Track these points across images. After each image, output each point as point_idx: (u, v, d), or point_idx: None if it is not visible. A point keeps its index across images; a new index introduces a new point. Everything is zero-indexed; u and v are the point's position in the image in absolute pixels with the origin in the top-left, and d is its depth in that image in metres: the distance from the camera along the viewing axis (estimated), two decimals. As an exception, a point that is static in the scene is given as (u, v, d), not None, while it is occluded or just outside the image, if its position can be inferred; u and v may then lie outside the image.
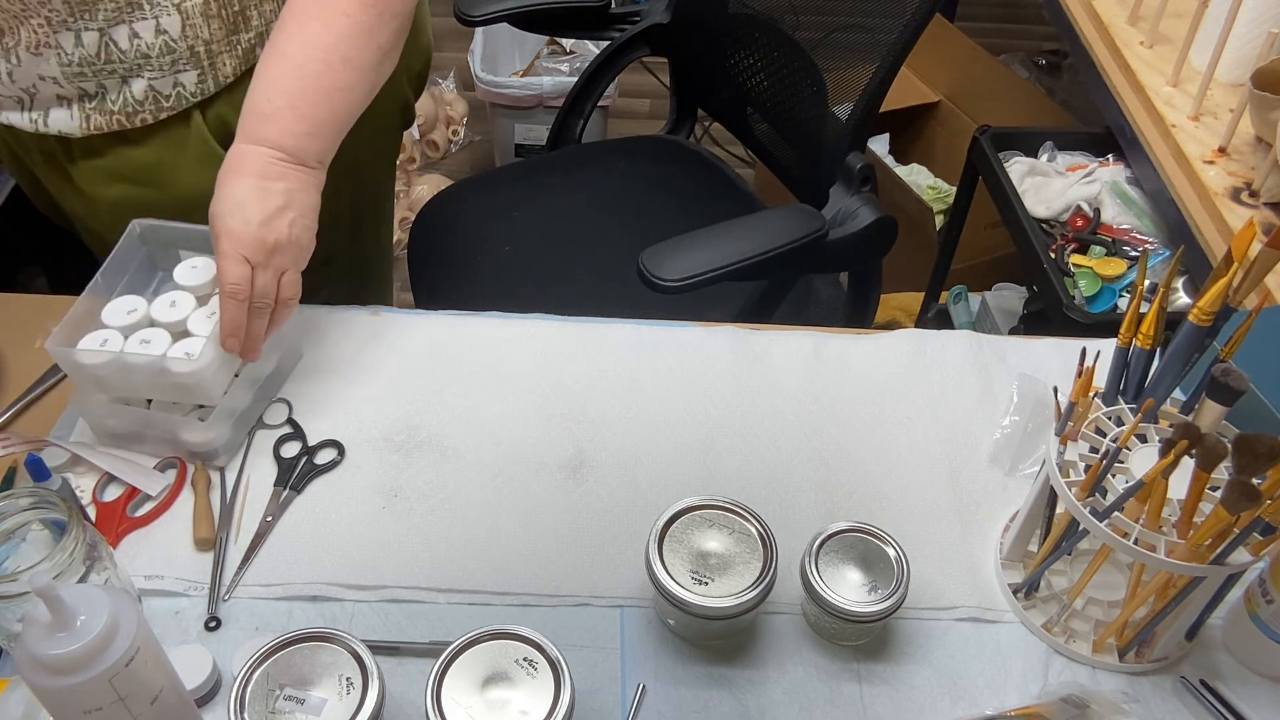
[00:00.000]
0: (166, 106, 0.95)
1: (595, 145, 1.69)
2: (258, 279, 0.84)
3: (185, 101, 0.96)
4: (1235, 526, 0.68)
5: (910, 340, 1.05)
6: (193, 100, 0.96)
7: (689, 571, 0.76)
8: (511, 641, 0.70)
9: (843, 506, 0.90)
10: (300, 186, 0.87)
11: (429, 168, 2.55)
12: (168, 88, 0.94)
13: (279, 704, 0.67)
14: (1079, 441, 0.78)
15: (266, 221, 0.84)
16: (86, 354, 0.85)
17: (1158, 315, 0.76)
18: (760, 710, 0.77)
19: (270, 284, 0.85)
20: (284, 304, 0.87)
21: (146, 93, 0.94)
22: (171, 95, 0.95)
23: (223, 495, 0.88)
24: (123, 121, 0.95)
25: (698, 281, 1.11)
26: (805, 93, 1.34)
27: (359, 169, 1.03)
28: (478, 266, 1.43)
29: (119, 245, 0.93)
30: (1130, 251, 1.48)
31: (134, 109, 0.94)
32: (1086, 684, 0.79)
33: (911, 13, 1.17)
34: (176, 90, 0.95)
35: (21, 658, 0.57)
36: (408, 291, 1.48)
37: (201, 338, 0.87)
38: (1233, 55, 1.37)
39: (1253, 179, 1.25)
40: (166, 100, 0.95)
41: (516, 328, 1.04)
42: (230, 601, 0.81)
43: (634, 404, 0.98)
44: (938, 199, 2.17)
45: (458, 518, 0.88)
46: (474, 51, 2.41)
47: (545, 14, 1.53)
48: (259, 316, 0.86)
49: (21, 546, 0.72)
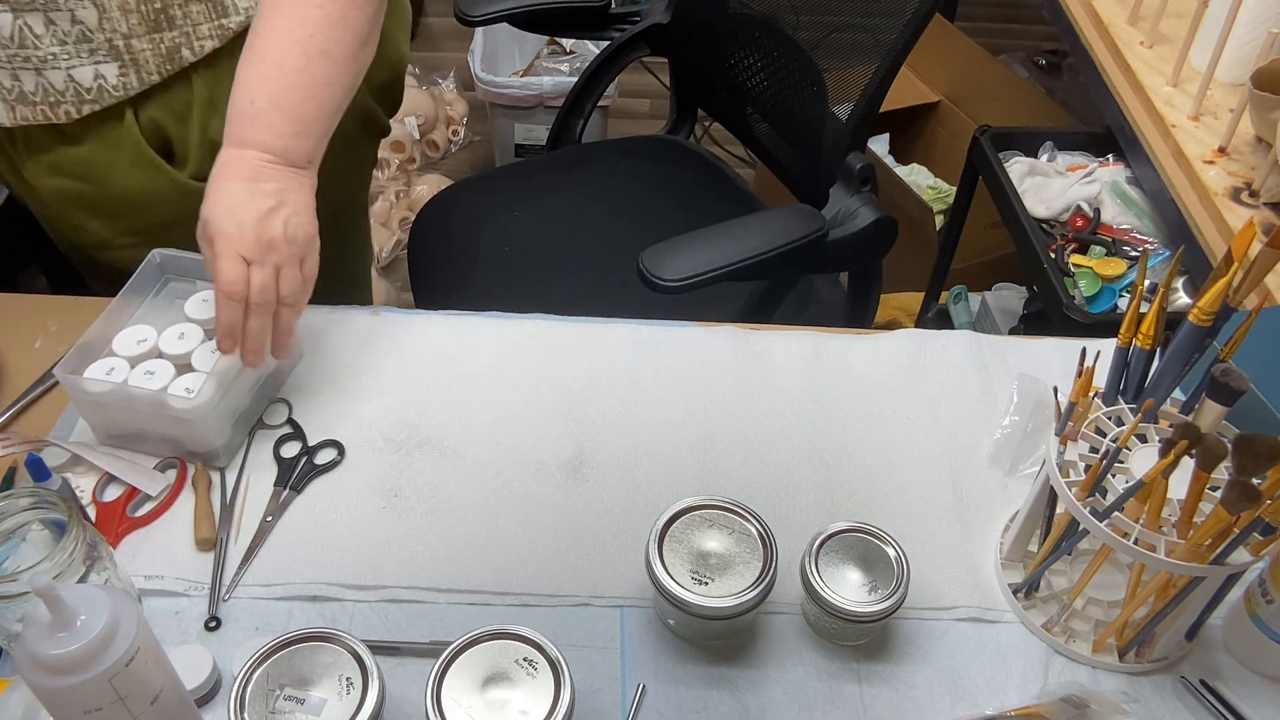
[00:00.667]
0: (89, 99, 0.94)
1: (595, 145, 1.69)
2: (255, 276, 0.84)
3: (109, 96, 0.94)
4: (1235, 526, 0.68)
5: (910, 340, 1.05)
6: (116, 96, 0.94)
7: (689, 571, 0.76)
8: (511, 641, 0.70)
9: (843, 506, 0.90)
10: (292, 186, 0.87)
11: (429, 168, 2.55)
12: (88, 79, 0.93)
13: (279, 704, 0.67)
14: (1079, 441, 0.78)
15: (260, 220, 0.84)
16: (91, 383, 0.86)
17: (1158, 315, 0.76)
18: (760, 710, 0.77)
19: (269, 281, 0.85)
20: (285, 303, 0.87)
21: (66, 83, 0.92)
22: (93, 88, 0.93)
23: (223, 495, 0.88)
24: (47, 113, 0.94)
25: (698, 281, 1.11)
26: (805, 93, 1.34)
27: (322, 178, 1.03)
28: (478, 266, 1.43)
29: (136, 273, 0.93)
30: (1130, 251, 1.48)
31: (55, 99, 0.93)
32: (1086, 684, 0.79)
33: (911, 13, 1.17)
34: (98, 83, 0.93)
35: (21, 658, 0.57)
36: (408, 291, 1.48)
37: (203, 374, 0.88)
38: (1233, 55, 1.37)
39: (1253, 179, 1.25)
40: (88, 93, 0.93)
41: (516, 328, 1.04)
42: (230, 601, 0.81)
43: (634, 404, 0.98)
44: (938, 199, 2.17)
45: (458, 518, 0.88)
46: (474, 51, 2.41)
47: (545, 14, 1.53)
48: (258, 316, 0.85)
49: (21, 546, 0.72)
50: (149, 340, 0.90)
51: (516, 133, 2.44)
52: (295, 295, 0.87)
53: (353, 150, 1.17)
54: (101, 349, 0.89)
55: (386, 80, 1.15)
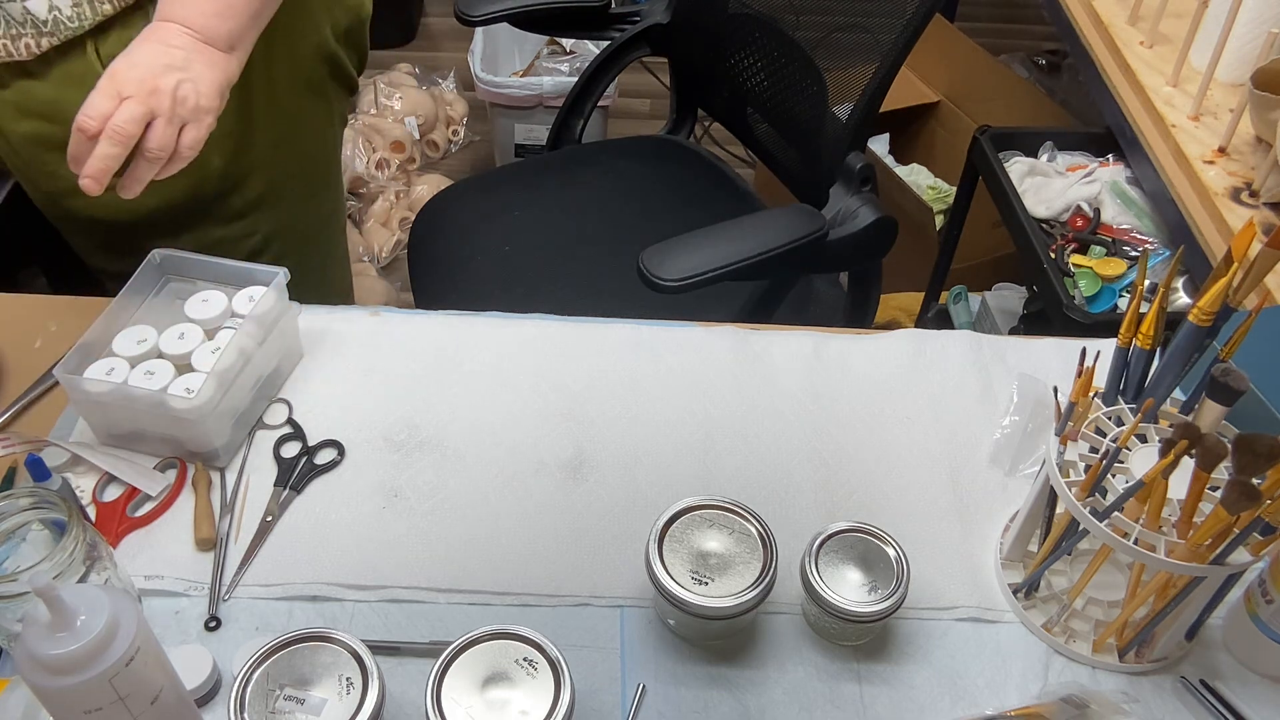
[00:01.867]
0: (46, 32, 0.94)
1: (595, 145, 1.69)
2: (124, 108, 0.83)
3: (64, 28, 0.94)
4: (1235, 526, 0.68)
5: (910, 340, 1.05)
6: (72, 27, 0.95)
7: (689, 571, 0.76)
8: (511, 641, 0.70)
9: (843, 506, 0.90)
10: (204, 60, 0.88)
11: (429, 168, 2.55)
12: (42, 11, 0.93)
13: (279, 704, 0.67)
14: (1079, 441, 0.78)
15: (153, 69, 0.84)
16: (91, 383, 0.86)
17: (1158, 315, 0.76)
18: (760, 710, 0.77)
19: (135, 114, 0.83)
20: (146, 156, 0.85)
21: (24, 15, 0.93)
22: (49, 20, 0.94)
23: (223, 495, 0.88)
24: (8, 46, 0.94)
25: (698, 281, 1.11)
26: (805, 93, 1.34)
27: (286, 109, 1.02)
28: (478, 266, 1.43)
29: (136, 273, 0.93)
30: (1130, 251, 1.48)
31: (17, 31, 0.94)
32: (1086, 684, 0.79)
33: (911, 13, 1.17)
34: (53, 15, 0.93)
35: (21, 658, 0.57)
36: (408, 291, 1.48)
37: (203, 374, 0.88)
38: (1233, 55, 1.37)
39: (1253, 179, 1.25)
40: (45, 25, 0.94)
41: (516, 328, 1.04)
42: (230, 601, 0.81)
43: (634, 404, 0.98)
44: (938, 199, 2.17)
45: (458, 518, 0.88)
46: (474, 51, 2.41)
47: (545, 14, 1.53)
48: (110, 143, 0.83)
49: (21, 546, 0.72)
50: (149, 340, 0.90)
51: (516, 133, 2.44)
52: (161, 149, 0.85)
53: (320, 97, 1.17)
54: (101, 349, 0.89)
55: (350, 25, 1.16)
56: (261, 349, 0.92)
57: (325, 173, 1.26)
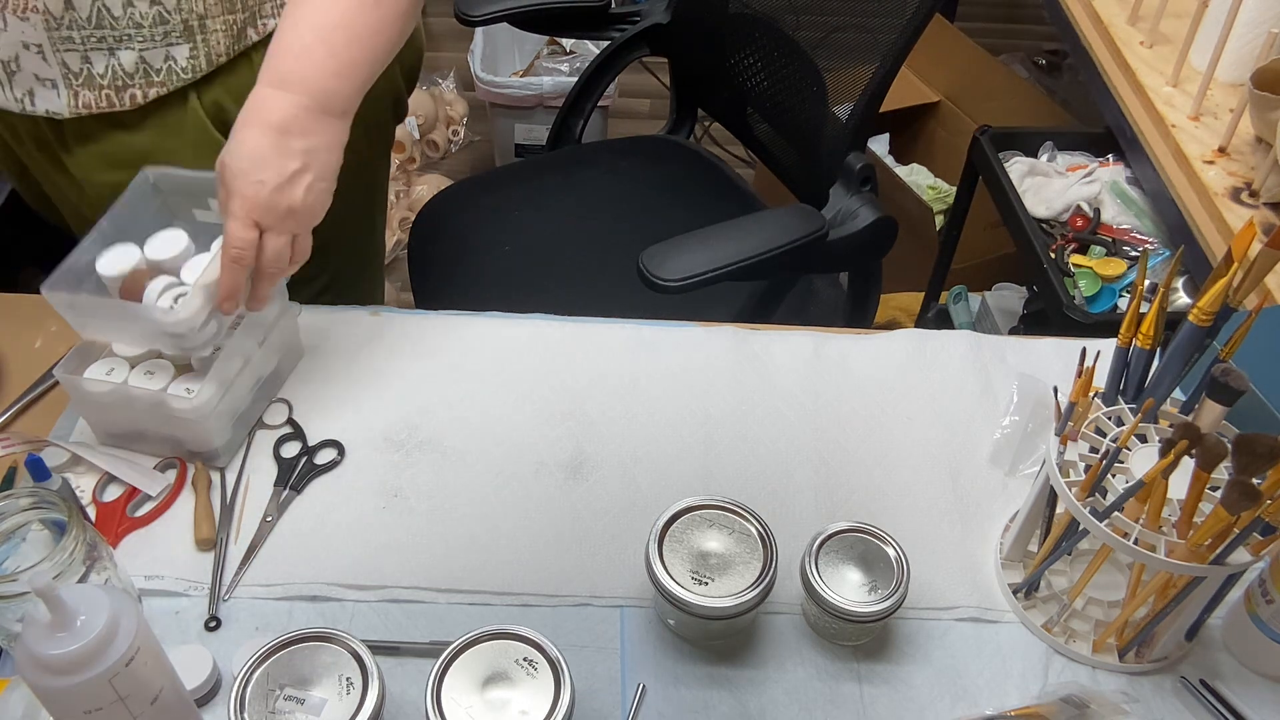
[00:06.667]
0: (157, 81, 0.92)
1: (595, 145, 1.69)
2: (269, 244, 0.81)
3: (176, 78, 0.93)
4: (1235, 526, 0.68)
5: (910, 340, 1.05)
6: (184, 78, 0.93)
7: (689, 571, 0.76)
8: (511, 641, 0.70)
9: (843, 506, 0.90)
10: (323, 145, 0.83)
11: (429, 168, 2.55)
12: (158, 60, 0.91)
13: (279, 704, 0.67)
14: (1079, 441, 0.78)
15: (282, 186, 0.80)
16: (91, 383, 0.86)
17: (1158, 315, 0.76)
18: (760, 710, 0.77)
19: (284, 249, 0.82)
20: (292, 265, 0.85)
21: (136, 65, 0.91)
22: (162, 70, 0.92)
23: (223, 495, 0.88)
24: (112, 98, 0.92)
25: (698, 281, 1.11)
26: (805, 93, 1.34)
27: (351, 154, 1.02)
28: (478, 266, 1.43)
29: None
30: (1130, 251, 1.48)
31: (123, 83, 0.92)
32: (1086, 684, 0.79)
33: (911, 13, 1.17)
34: (168, 65, 0.92)
35: (21, 658, 0.57)
36: (408, 291, 1.48)
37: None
38: (1233, 55, 1.37)
39: (1253, 179, 1.25)
40: (157, 75, 0.92)
41: (516, 328, 1.04)
42: (230, 601, 0.81)
43: (634, 404, 0.98)
44: (938, 199, 2.17)
45: (458, 518, 0.88)
46: (474, 51, 2.41)
47: (545, 14, 1.53)
48: (268, 281, 0.83)
49: (21, 546, 0.72)
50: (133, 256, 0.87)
51: (516, 133, 2.44)
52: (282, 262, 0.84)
53: (382, 132, 1.17)
54: (100, 350, 0.89)
55: (413, 64, 1.16)
56: (261, 349, 0.92)
57: (380, 200, 1.26)
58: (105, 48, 0.90)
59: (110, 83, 0.92)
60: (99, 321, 0.87)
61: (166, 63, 0.92)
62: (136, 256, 0.87)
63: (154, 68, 0.92)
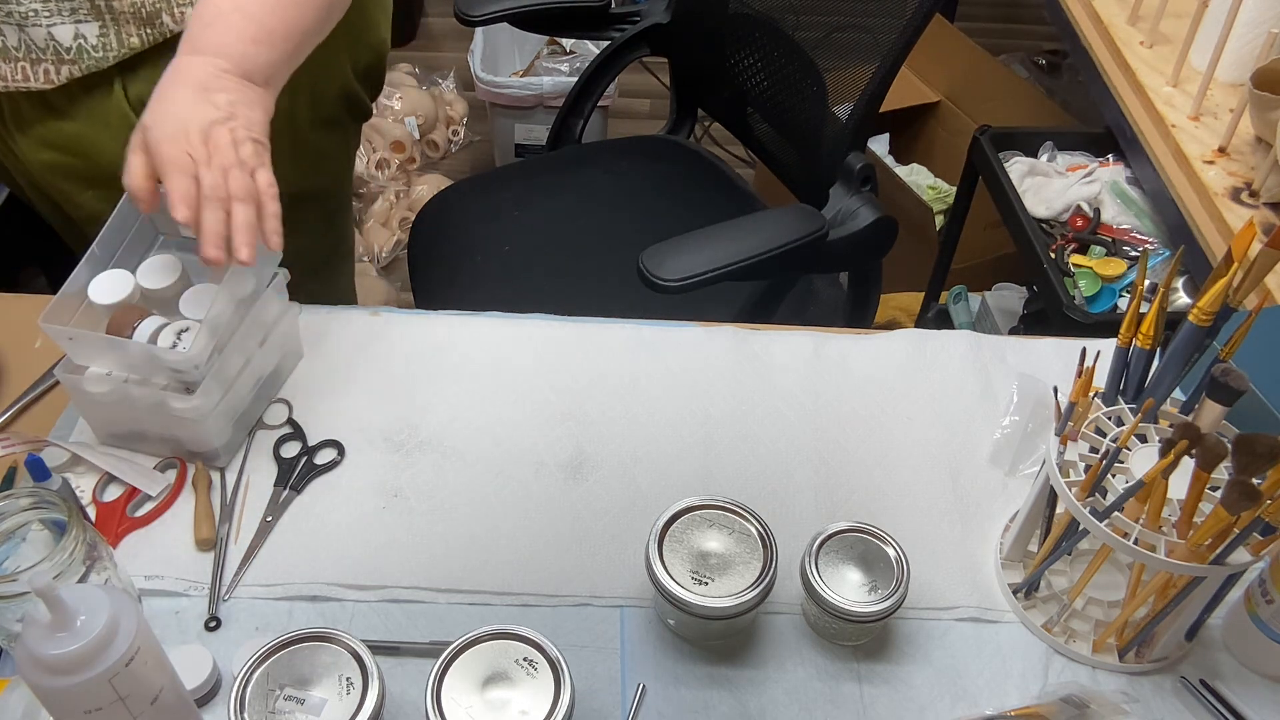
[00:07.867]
0: (68, 60, 0.92)
1: (595, 145, 1.69)
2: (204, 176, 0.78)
3: (88, 57, 0.92)
4: (1235, 526, 0.68)
5: (910, 340, 1.05)
6: (96, 57, 0.92)
7: (689, 571, 0.76)
8: (511, 641, 0.70)
9: (843, 506, 0.90)
10: (245, 100, 0.82)
11: (429, 168, 2.55)
12: (67, 38, 0.91)
13: (279, 704, 0.67)
14: (1079, 441, 0.78)
15: (206, 128, 0.79)
16: (91, 383, 0.86)
17: (1158, 315, 0.76)
18: (760, 710, 0.77)
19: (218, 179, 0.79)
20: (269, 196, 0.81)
21: (47, 41, 0.90)
22: (73, 48, 0.91)
23: (223, 495, 0.88)
24: (27, 71, 0.92)
25: (698, 281, 1.11)
26: (805, 93, 1.34)
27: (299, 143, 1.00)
28: (478, 266, 1.43)
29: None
30: (1130, 251, 1.48)
31: (37, 56, 0.91)
32: (1086, 684, 0.79)
33: (911, 13, 1.17)
34: (78, 43, 0.91)
35: (21, 658, 0.57)
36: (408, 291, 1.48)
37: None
38: (1233, 55, 1.37)
39: (1253, 179, 1.25)
40: (68, 53, 0.91)
41: (516, 328, 1.04)
42: (230, 601, 0.81)
43: (634, 404, 0.98)
44: (938, 199, 2.17)
45: (458, 518, 0.88)
46: (474, 51, 2.41)
47: (545, 14, 1.53)
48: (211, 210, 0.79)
49: (21, 546, 0.72)
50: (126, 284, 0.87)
51: (516, 133, 2.44)
52: (245, 192, 0.80)
53: (337, 129, 1.16)
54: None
55: (370, 63, 1.15)
56: (261, 349, 0.92)
57: (340, 200, 1.26)
58: (14, 23, 0.90)
59: (25, 55, 0.91)
60: (99, 356, 0.87)
61: (77, 40, 0.91)
62: (130, 285, 0.87)
63: (64, 45, 0.91)
